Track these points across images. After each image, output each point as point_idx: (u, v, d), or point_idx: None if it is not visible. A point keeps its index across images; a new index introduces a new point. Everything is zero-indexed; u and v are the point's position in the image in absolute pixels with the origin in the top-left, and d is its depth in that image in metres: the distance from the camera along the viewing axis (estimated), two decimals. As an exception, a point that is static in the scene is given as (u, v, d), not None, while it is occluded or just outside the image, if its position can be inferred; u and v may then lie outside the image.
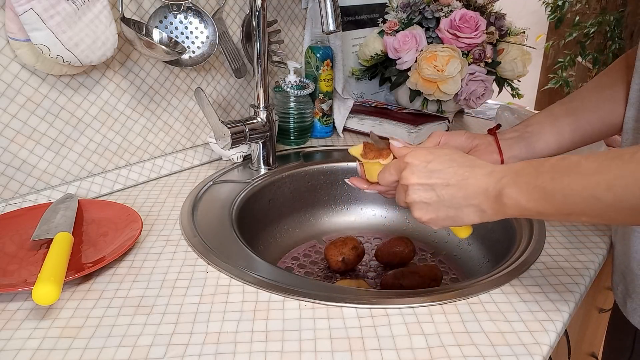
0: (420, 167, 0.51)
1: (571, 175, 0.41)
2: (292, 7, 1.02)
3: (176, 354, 0.45)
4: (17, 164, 0.70)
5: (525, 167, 0.45)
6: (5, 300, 0.52)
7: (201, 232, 0.66)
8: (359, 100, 1.16)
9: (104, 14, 0.67)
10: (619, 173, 0.38)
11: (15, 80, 0.67)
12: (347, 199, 0.92)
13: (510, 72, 1.09)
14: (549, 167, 0.43)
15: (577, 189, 0.40)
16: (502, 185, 0.45)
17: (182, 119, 0.88)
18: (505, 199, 0.45)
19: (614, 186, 0.38)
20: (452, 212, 0.49)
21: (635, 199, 0.37)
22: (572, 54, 2.59)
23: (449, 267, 0.80)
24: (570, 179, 0.41)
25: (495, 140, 0.63)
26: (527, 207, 0.44)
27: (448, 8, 1.06)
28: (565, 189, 0.41)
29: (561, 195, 0.41)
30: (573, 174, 0.41)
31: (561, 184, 0.41)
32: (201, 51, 0.82)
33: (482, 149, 0.62)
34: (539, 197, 0.43)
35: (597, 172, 0.39)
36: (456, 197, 0.48)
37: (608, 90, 0.62)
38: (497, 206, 0.46)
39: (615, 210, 0.39)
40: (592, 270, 0.59)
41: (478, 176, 0.48)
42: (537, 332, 0.48)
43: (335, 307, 0.51)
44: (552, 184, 0.42)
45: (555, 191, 0.41)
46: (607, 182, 0.38)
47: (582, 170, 0.40)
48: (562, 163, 0.42)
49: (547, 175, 0.42)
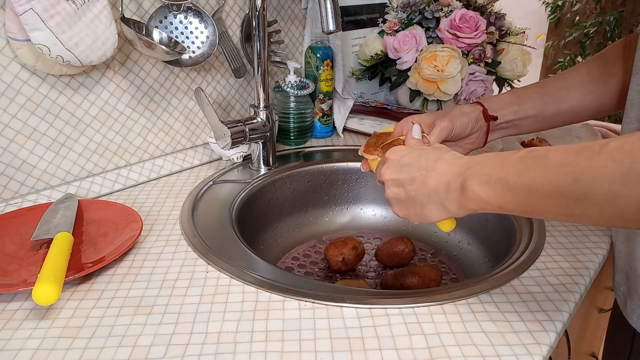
0: (394, 163, 0.51)
1: (536, 169, 0.39)
2: (292, 7, 1.02)
3: (176, 354, 0.45)
4: (17, 164, 0.70)
5: (490, 159, 0.43)
6: (5, 300, 0.52)
7: (201, 232, 0.66)
8: (359, 100, 1.16)
9: (104, 14, 0.67)
10: (587, 165, 0.35)
11: (15, 80, 0.67)
12: (347, 199, 0.92)
13: (510, 72, 1.09)
14: (516, 159, 0.41)
15: (541, 182, 0.38)
16: (464, 178, 0.44)
17: (182, 119, 0.88)
18: (466, 193, 0.43)
19: (581, 179, 0.35)
20: (419, 208, 0.49)
21: (603, 193, 0.34)
22: (572, 54, 2.60)
23: (449, 267, 0.80)
24: (535, 172, 0.38)
25: (487, 128, 0.66)
26: (489, 201, 0.42)
27: (448, 8, 1.06)
28: (530, 183, 0.39)
29: (525, 189, 0.39)
30: (539, 168, 0.38)
31: (525, 177, 0.39)
32: (201, 51, 0.82)
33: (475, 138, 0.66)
34: (501, 190, 0.41)
35: (563, 164, 0.37)
36: (419, 193, 0.48)
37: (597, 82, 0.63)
38: (459, 200, 0.45)
39: (582, 206, 0.36)
40: (592, 270, 0.59)
41: (440, 170, 0.46)
42: (537, 332, 0.48)
43: (335, 307, 0.51)
44: (515, 178, 0.40)
45: (518, 185, 0.40)
46: (574, 175, 0.36)
47: (548, 163, 0.38)
48: (529, 155, 0.40)
49: (512, 168, 0.40)
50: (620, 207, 0.34)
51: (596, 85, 0.64)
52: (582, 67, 0.66)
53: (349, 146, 1.00)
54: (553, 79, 0.67)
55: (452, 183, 0.45)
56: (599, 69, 0.64)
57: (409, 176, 0.48)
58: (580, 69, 0.66)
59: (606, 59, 0.64)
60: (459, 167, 0.45)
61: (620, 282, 0.61)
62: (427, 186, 0.47)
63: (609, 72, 0.63)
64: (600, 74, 0.63)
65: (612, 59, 0.63)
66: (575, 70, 0.66)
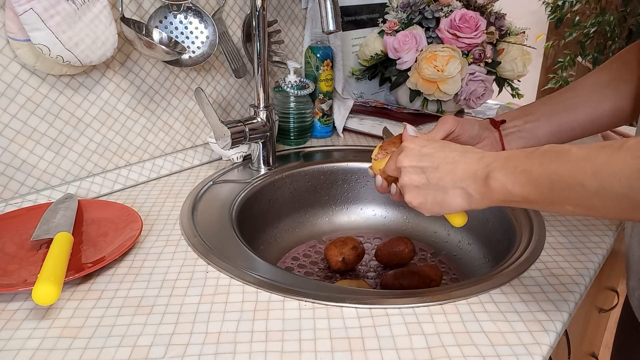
0: (414, 151, 0.51)
1: (559, 161, 0.40)
2: (292, 7, 1.02)
3: (176, 354, 0.45)
4: (17, 164, 0.70)
5: (517, 153, 0.45)
6: (5, 300, 0.52)
7: (201, 232, 0.66)
8: (359, 100, 1.16)
9: (104, 14, 0.67)
10: (606, 160, 0.37)
11: (15, 80, 0.67)
12: (347, 199, 0.92)
13: (510, 72, 1.09)
14: (540, 153, 0.43)
15: (563, 174, 0.40)
16: (490, 169, 0.45)
17: (182, 119, 0.88)
18: (492, 182, 0.45)
19: (600, 172, 0.37)
20: (440, 195, 0.49)
21: (621, 187, 0.36)
22: (572, 54, 2.60)
23: (449, 267, 0.80)
24: (558, 164, 0.40)
25: (500, 135, 0.64)
26: (513, 192, 0.43)
27: (448, 8, 1.06)
28: (552, 174, 0.41)
29: (547, 180, 0.41)
30: (561, 160, 0.40)
31: (548, 169, 0.41)
32: (201, 51, 0.82)
33: (488, 143, 0.64)
34: (525, 181, 0.42)
35: (585, 158, 0.39)
36: (444, 179, 0.48)
37: (607, 89, 0.62)
38: (484, 190, 0.45)
39: (600, 198, 0.38)
40: (592, 270, 0.59)
41: (468, 160, 0.47)
42: (537, 332, 0.48)
43: (335, 307, 0.51)
44: (539, 169, 0.41)
45: (542, 176, 0.41)
46: (594, 168, 0.38)
47: (571, 157, 0.40)
48: (553, 149, 0.42)
49: (536, 161, 0.42)
50: (638, 201, 0.36)
51: (608, 91, 0.63)
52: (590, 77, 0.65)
53: (349, 146, 1.00)
54: (562, 90, 0.67)
55: (479, 173, 0.46)
56: (609, 76, 0.63)
57: (432, 164, 0.49)
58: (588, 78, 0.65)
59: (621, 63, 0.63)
60: (487, 159, 0.46)
61: (635, 287, 0.60)
62: (454, 173, 0.47)
63: (622, 78, 0.62)
64: (611, 80, 0.63)
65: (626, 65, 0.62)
66: (585, 80, 0.66)
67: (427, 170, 0.49)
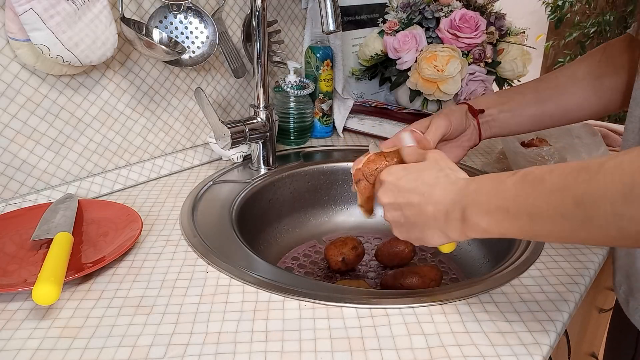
0: (390, 186, 0.49)
1: (536, 194, 0.38)
2: (292, 7, 1.02)
3: (176, 354, 0.45)
4: (17, 164, 0.70)
5: (486, 183, 0.42)
6: (5, 300, 0.52)
7: (201, 232, 0.66)
8: (359, 100, 1.16)
9: (104, 14, 0.67)
10: (586, 188, 0.34)
11: (15, 80, 0.67)
12: (347, 199, 0.92)
13: (510, 72, 1.09)
14: (512, 185, 0.40)
15: (542, 207, 0.37)
16: (463, 207, 0.43)
17: (182, 119, 0.88)
18: (467, 223, 0.43)
19: (582, 203, 0.34)
20: (419, 233, 0.48)
21: (607, 215, 0.33)
22: (572, 54, 2.60)
23: (449, 267, 0.80)
24: (535, 198, 0.37)
25: (477, 123, 0.66)
26: (489, 231, 0.42)
27: (448, 8, 1.06)
28: (530, 209, 0.38)
29: (526, 216, 0.38)
30: (537, 193, 0.37)
31: (525, 204, 0.38)
32: (201, 51, 0.82)
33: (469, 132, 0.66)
34: (501, 219, 0.40)
35: (562, 187, 0.36)
36: (420, 217, 0.46)
37: (582, 82, 0.63)
38: (461, 229, 0.44)
39: (586, 229, 0.35)
40: (592, 270, 0.59)
41: (436, 197, 0.45)
42: (537, 332, 0.48)
43: (335, 307, 0.51)
44: (515, 205, 0.39)
45: (520, 213, 0.39)
46: (575, 199, 0.35)
47: (546, 187, 0.37)
48: (525, 179, 0.39)
49: (509, 194, 0.40)
50: (625, 228, 0.33)
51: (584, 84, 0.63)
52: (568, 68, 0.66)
53: (349, 146, 1.00)
54: (538, 79, 0.68)
55: (450, 212, 0.44)
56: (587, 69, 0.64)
57: (407, 200, 0.47)
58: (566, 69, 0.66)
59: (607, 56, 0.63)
60: (456, 195, 0.44)
61: (621, 282, 0.61)
62: (426, 214, 0.46)
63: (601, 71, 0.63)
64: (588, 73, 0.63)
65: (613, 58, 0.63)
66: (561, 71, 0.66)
67: (404, 208, 0.48)
